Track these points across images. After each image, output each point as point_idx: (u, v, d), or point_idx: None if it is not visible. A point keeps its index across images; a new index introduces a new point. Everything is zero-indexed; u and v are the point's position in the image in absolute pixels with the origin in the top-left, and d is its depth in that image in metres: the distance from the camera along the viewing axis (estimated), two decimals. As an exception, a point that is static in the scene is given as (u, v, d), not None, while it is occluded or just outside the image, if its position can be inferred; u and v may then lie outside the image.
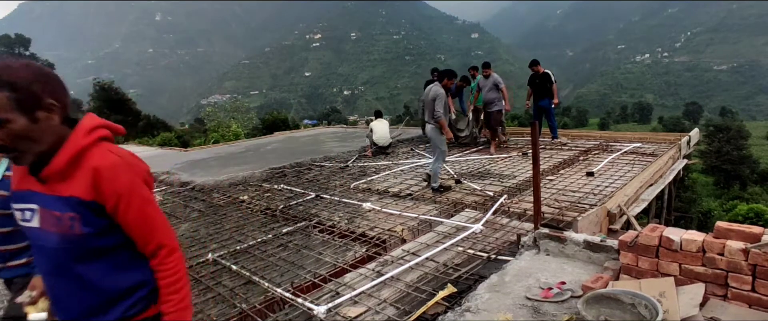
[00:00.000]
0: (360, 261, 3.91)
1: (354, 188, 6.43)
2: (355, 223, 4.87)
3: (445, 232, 4.37)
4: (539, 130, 8.60)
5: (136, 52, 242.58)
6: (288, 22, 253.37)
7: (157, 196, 7.12)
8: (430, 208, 5.23)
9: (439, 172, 5.93)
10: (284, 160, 8.72)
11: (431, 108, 5.72)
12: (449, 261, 3.70)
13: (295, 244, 4.44)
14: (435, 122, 5.72)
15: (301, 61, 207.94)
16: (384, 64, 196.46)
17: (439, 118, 5.66)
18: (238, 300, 3.38)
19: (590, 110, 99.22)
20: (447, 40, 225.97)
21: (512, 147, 8.79)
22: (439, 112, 5.63)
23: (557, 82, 8.75)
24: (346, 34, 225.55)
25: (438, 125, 5.72)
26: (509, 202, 5.14)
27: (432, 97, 5.72)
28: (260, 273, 3.82)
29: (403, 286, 3.31)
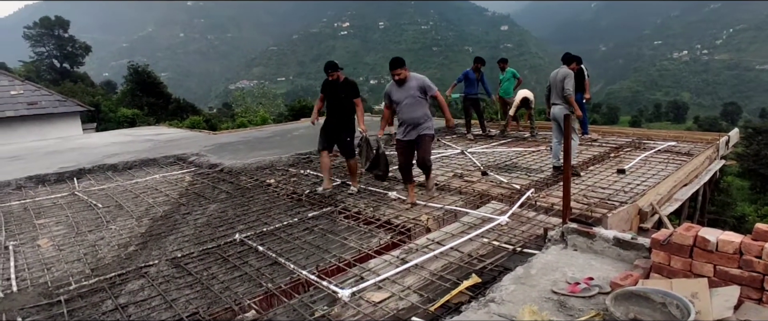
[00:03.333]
0: (384, 248, 3.94)
1: (374, 175, 6.44)
2: (380, 211, 4.90)
3: (471, 222, 4.36)
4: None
5: (167, 36, 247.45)
6: (316, 9, 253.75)
7: (186, 177, 7.32)
8: (456, 198, 5.21)
9: (576, 150, 6.50)
10: (311, 146, 8.79)
11: (560, 87, 5.94)
12: (474, 252, 3.69)
13: (321, 228, 4.50)
14: (564, 100, 5.95)
15: (328, 49, 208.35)
16: (411, 54, 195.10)
17: (569, 95, 5.89)
18: (264, 280, 3.46)
19: (622, 107, 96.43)
20: (475, 31, 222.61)
21: (541, 141, 8.66)
22: (569, 89, 5.88)
23: (590, 77, 8.55)
24: (374, 23, 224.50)
25: (567, 103, 5.94)
26: (536, 195, 5.08)
27: (561, 77, 5.96)
28: (286, 255, 3.89)
29: (427, 274, 3.33)
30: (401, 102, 4.91)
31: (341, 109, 5.56)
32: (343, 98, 5.54)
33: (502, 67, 9.85)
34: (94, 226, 5.12)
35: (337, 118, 5.58)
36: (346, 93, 5.53)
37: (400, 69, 4.85)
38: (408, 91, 4.87)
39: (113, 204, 5.98)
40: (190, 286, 3.48)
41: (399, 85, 4.93)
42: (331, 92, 5.59)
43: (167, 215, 5.34)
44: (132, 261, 4.04)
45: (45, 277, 3.79)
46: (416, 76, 4.98)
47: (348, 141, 5.59)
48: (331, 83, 5.52)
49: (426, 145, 4.99)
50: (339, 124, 5.58)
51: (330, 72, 5.44)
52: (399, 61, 4.85)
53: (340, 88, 5.51)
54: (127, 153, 9.55)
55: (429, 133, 5.00)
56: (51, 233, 4.95)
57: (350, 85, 5.57)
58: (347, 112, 5.58)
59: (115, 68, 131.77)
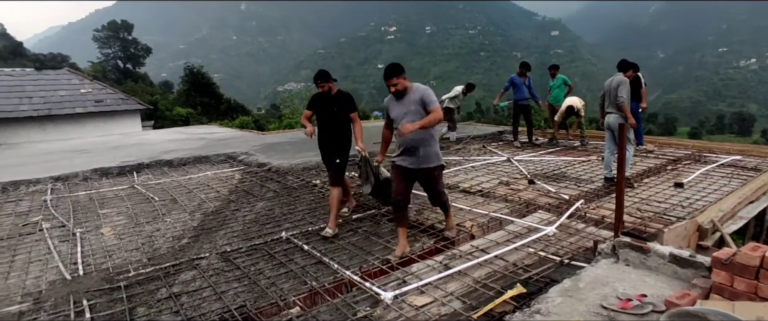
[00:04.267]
0: (428, 253, 3.93)
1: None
2: (424, 215, 4.90)
3: (516, 231, 4.27)
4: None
5: (221, 38, 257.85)
6: (364, 13, 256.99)
7: (236, 175, 7.59)
8: (501, 206, 5.12)
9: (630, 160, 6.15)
10: (355, 149, 8.91)
11: (614, 95, 5.70)
12: (519, 261, 3.62)
13: (364, 230, 4.55)
14: (618, 108, 5.69)
15: (374, 53, 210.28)
16: (457, 59, 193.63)
17: (622, 103, 5.62)
18: (308, 278, 3.54)
19: (680, 118, 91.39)
20: (524, 36, 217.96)
21: (591, 150, 8.36)
22: (623, 97, 5.61)
23: (647, 85, 8.19)
24: (421, 28, 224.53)
25: (621, 112, 5.67)
26: (586, 207, 4.92)
27: (616, 84, 5.73)
28: (330, 255, 3.96)
29: (470, 282, 3.29)
30: (399, 120, 3.88)
31: (334, 126, 4.71)
32: (336, 113, 4.68)
33: (553, 74, 9.61)
34: (151, 218, 5.41)
35: (329, 137, 4.76)
36: (340, 107, 4.68)
37: (396, 78, 3.81)
38: (407, 106, 3.85)
39: (168, 198, 6.29)
40: (238, 279, 3.61)
41: (397, 98, 3.92)
42: (322, 107, 4.76)
43: (218, 211, 5.56)
44: (185, 253, 4.23)
45: (107, 264, 4.04)
46: (419, 87, 3.93)
47: (338, 163, 4.69)
48: (322, 96, 4.70)
49: (435, 181, 4.03)
50: (332, 143, 4.74)
51: (319, 83, 4.56)
52: (395, 68, 3.87)
53: (333, 102, 4.70)
54: (181, 150, 10.02)
55: (435, 166, 3.97)
56: (113, 223, 5.27)
57: (345, 97, 4.72)
58: (341, 130, 4.70)
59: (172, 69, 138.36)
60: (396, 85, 3.83)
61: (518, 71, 9.17)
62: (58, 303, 3.32)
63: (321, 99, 4.74)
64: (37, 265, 4.06)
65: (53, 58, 37.34)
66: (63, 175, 7.71)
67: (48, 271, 3.91)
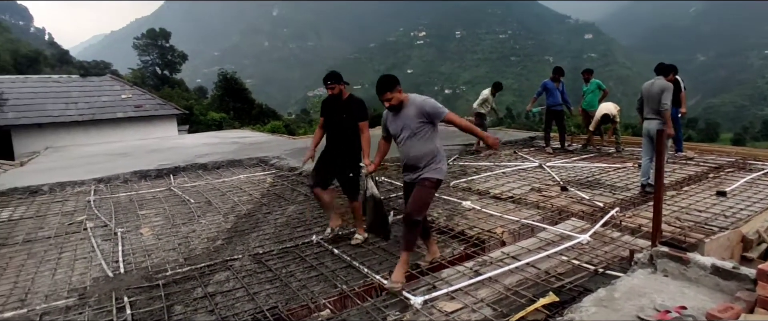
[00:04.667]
0: (458, 258, 3.91)
1: (454, 186, 6.42)
2: (454, 221, 4.87)
3: (548, 239, 4.20)
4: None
5: (253, 45, 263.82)
6: (393, 18, 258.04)
7: (268, 178, 7.74)
8: (533, 213, 5.05)
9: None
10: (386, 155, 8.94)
11: (657, 101, 5.50)
12: (552, 269, 3.56)
13: (394, 235, 4.56)
14: (659, 114, 5.50)
15: (404, 58, 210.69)
16: (488, 64, 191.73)
17: (665, 110, 5.44)
18: (338, 281, 3.58)
19: (722, 123, 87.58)
20: (557, 40, 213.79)
21: (627, 157, 8.13)
22: (667, 104, 5.42)
23: (686, 89, 7.92)
24: (451, 32, 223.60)
25: (663, 119, 5.47)
26: (621, 215, 4.79)
27: (658, 89, 5.50)
28: (359, 259, 3.99)
29: (501, 288, 3.26)
30: (397, 135, 3.55)
31: (342, 134, 4.29)
32: (345, 120, 4.25)
33: (587, 79, 9.41)
34: (187, 219, 5.58)
35: (337, 147, 4.35)
36: (348, 113, 4.24)
37: (389, 92, 3.40)
38: (404, 121, 3.47)
39: (203, 200, 6.48)
40: (270, 281, 3.68)
41: (394, 112, 3.54)
42: (330, 112, 4.38)
43: (250, 213, 5.69)
44: (219, 254, 4.35)
45: (146, 263, 4.19)
46: (415, 99, 3.50)
47: (351, 176, 4.33)
48: (331, 100, 4.37)
49: (422, 193, 3.46)
50: (340, 155, 4.32)
51: (329, 84, 4.23)
52: (386, 81, 3.42)
53: (342, 107, 4.28)
54: (215, 154, 10.30)
55: (430, 178, 3.46)
56: (151, 223, 5.47)
57: (355, 103, 4.28)
58: (350, 139, 4.27)
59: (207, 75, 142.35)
60: (390, 99, 3.43)
61: (551, 76, 9.04)
62: (102, 299, 3.46)
63: (330, 103, 4.39)
64: (82, 263, 4.26)
65: (97, 66, 39.09)
66: (105, 177, 8.05)
67: (92, 269, 4.09)
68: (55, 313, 3.29)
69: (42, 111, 16.07)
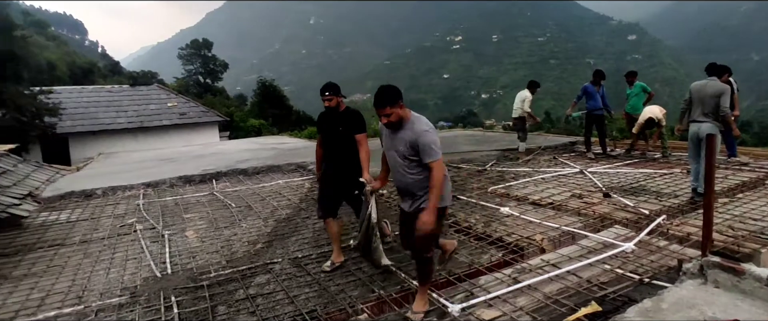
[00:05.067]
0: (496, 265, 3.86)
1: (491, 192, 6.35)
2: (492, 227, 4.82)
3: (590, 247, 4.09)
4: None
5: (291, 52, 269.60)
6: (429, 23, 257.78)
7: (306, 184, 7.88)
8: (574, 219, 4.92)
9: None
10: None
11: (713, 104, 5.32)
12: (594, 278, 3.46)
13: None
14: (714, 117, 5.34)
15: (440, 63, 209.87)
16: (526, 67, 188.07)
17: (726, 114, 5.31)
18: (376, 286, 3.61)
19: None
20: (598, 42, 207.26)
21: (674, 162, 7.80)
22: (727, 107, 5.30)
23: (739, 91, 7.53)
24: (488, 36, 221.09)
25: (719, 121, 5.33)
26: (668, 223, 4.60)
27: (714, 92, 5.31)
28: (397, 264, 4.00)
29: (541, 297, 3.20)
30: (390, 156, 3.15)
31: (340, 149, 4.01)
32: (342, 133, 3.96)
33: (630, 81, 9.10)
34: (229, 223, 5.76)
35: (336, 164, 4.07)
36: (345, 126, 3.95)
37: (389, 107, 2.91)
38: (397, 143, 3.02)
39: (244, 204, 6.67)
40: (309, 284, 3.75)
41: (391, 129, 3.05)
42: (326, 126, 4.11)
43: (289, 218, 5.81)
44: (259, 257, 4.47)
45: (191, 264, 4.36)
46: (417, 123, 2.97)
47: (357, 194, 3.95)
48: (328, 113, 4.06)
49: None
50: (340, 173, 4.03)
51: (326, 95, 3.92)
52: (388, 93, 2.93)
53: (338, 120, 3.99)
54: (255, 159, 10.58)
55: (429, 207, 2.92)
56: (195, 226, 5.68)
57: (352, 115, 3.98)
58: (349, 154, 3.96)
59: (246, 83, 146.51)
60: (389, 115, 2.93)
61: (592, 80, 8.81)
62: (151, 298, 3.63)
63: (326, 117, 4.09)
64: (132, 263, 4.48)
65: (145, 75, 40.90)
66: (153, 182, 8.42)
67: (142, 269, 4.29)
68: (109, 310, 3.48)
69: (95, 119, 17.00)
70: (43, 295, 3.82)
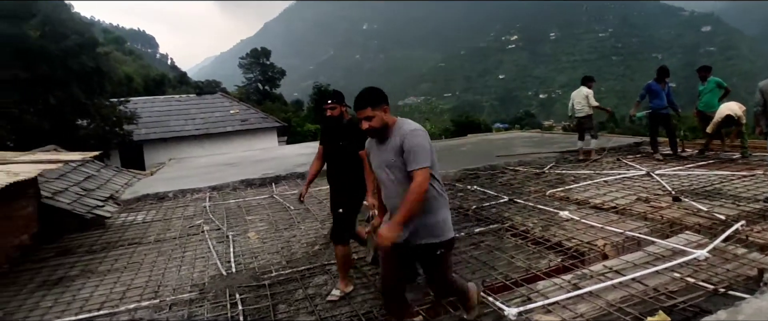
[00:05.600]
0: (554, 270, 3.76)
1: (550, 195, 6.17)
2: (551, 231, 4.68)
3: (658, 253, 3.87)
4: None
5: (346, 58, 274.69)
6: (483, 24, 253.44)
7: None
8: (640, 225, 4.68)
9: None
10: (477, 162, 8.84)
11: None
12: (661, 286, 3.28)
13: (487, 244, 4.50)
14: None
15: (495, 64, 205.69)
16: (586, 65, 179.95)
17: None
18: (430, 289, 3.61)
19: None
20: (665, 35, 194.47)
21: (755, 164, 7.21)
22: None
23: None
24: (544, 34, 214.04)
25: None
26: (748, 229, 4.26)
27: None
28: (452, 267, 3.99)
29: (603, 304, 3.08)
30: (379, 172, 2.69)
31: (341, 165, 3.69)
32: (342, 148, 3.64)
33: (703, 77, 8.50)
34: (288, 225, 5.98)
35: (337, 181, 3.77)
36: (347, 140, 3.59)
37: (371, 109, 2.54)
38: (386, 156, 2.60)
39: (302, 207, 6.89)
40: (365, 286, 3.82)
41: (378, 139, 2.66)
42: (328, 138, 3.81)
43: (346, 220, 5.93)
44: (317, 258, 4.61)
45: (253, 264, 4.58)
46: (402, 126, 2.59)
47: (340, 213, 3.62)
48: (331, 124, 3.74)
49: (437, 264, 2.69)
50: (339, 189, 3.73)
51: (329, 104, 3.64)
52: (369, 93, 2.59)
53: (340, 133, 3.67)
54: (313, 163, 10.89)
55: (438, 242, 2.58)
56: (257, 228, 5.95)
57: (356, 127, 3.26)
58: (349, 171, 3.59)
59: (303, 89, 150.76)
60: (370, 119, 2.53)
61: (656, 77, 8.33)
62: (218, 294, 3.86)
63: (329, 128, 3.77)
64: (201, 261, 4.77)
65: (209, 84, 43.24)
66: (218, 185, 8.90)
67: (209, 267, 4.56)
68: (180, 305, 3.73)
69: (166, 127, 18.20)
70: (124, 289, 4.16)
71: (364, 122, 2.57)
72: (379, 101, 2.56)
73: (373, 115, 2.54)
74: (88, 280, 4.50)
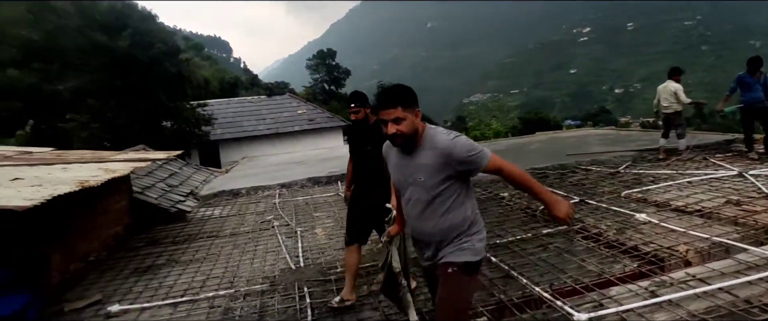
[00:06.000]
0: (629, 276, 3.54)
1: (625, 197, 5.81)
2: (626, 235, 4.42)
3: (751, 262, 3.53)
4: None
5: (410, 56, 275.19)
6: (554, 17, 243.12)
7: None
8: (729, 230, 4.29)
9: None
10: (546, 161, 8.53)
11: None
12: (754, 297, 2.99)
13: (556, 246, 4.34)
14: None
15: (567, 58, 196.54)
16: (671, 56, 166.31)
17: None
18: (496, 290, 3.55)
19: None
20: (765, 21, 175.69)
21: None
22: None
23: None
24: (622, 25, 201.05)
25: None
26: None
27: None
28: (519, 269, 3.89)
29: (684, 314, 2.87)
30: (403, 192, 2.32)
31: (369, 169, 3.54)
32: (369, 153, 3.47)
33: None
34: (354, 222, 6.11)
35: (364, 187, 3.64)
36: (374, 144, 3.35)
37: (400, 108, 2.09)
38: (415, 170, 2.18)
39: (367, 205, 7.02)
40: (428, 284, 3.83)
41: (403, 150, 2.24)
42: (355, 142, 3.70)
43: (409, 218, 5.97)
44: (380, 256, 4.66)
45: (320, 259, 4.74)
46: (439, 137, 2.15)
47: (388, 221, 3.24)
48: (356, 127, 3.64)
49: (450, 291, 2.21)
50: (369, 197, 3.53)
51: (353, 107, 3.52)
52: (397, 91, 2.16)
53: (367, 136, 3.52)
54: (377, 161, 11.05)
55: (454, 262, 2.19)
56: (323, 224, 6.14)
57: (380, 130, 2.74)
58: (379, 176, 3.33)
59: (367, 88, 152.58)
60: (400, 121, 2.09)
61: (748, 68, 7.53)
62: (287, 287, 4.04)
63: (355, 131, 3.67)
64: (271, 255, 5.02)
65: (278, 86, 45.21)
66: (287, 183, 9.28)
67: (279, 261, 4.79)
68: (253, 295, 3.95)
69: (240, 127, 19.25)
70: (204, 278, 4.48)
71: (391, 125, 2.08)
72: (412, 101, 2.12)
73: (404, 117, 2.08)
74: (172, 268, 4.89)
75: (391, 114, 2.08)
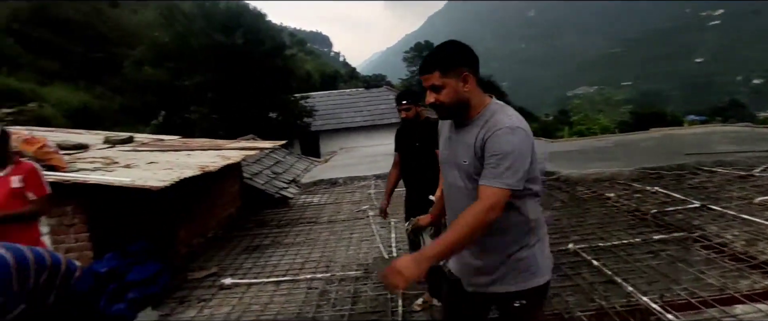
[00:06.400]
0: (760, 294, 3.13)
1: (759, 204, 5.10)
2: (757, 247, 3.89)
3: None
4: None
5: (505, 47, 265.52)
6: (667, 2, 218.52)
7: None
8: None
9: None
10: (660, 161, 7.76)
11: None
12: None
13: (669, 254, 3.96)
14: None
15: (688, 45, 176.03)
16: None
17: None
18: (596, 295, 3.35)
19: None
20: None
21: None
22: None
23: None
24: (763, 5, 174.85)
25: None
26: None
27: None
28: (623, 275, 3.62)
29: (832, 344, 2.47)
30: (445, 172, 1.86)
31: (419, 169, 3.31)
32: (419, 150, 3.30)
33: None
34: (446, 215, 6.11)
35: (416, 187, 3.38)
36: (422, 141, 3.25)
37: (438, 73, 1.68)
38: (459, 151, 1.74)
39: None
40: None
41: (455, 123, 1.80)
42: (403, 141, 3.48)
43: (504, 215, 5.82)
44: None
45: (408, 249, 4.81)
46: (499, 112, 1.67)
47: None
48: (406, 127, 3.44)
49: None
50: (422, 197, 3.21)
51: (404, 104, 3.31)
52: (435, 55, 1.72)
53: (415, 134, 3.33)
54: (472, 155, 10.89)
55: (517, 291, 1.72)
56: (417, 217, 6.20)
57: (432, 127, 2.87)
58: (431, 176, 2.99)
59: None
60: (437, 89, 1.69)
61: None
62: (380, 276, 4.17)
63: (403, 131, 3.48)
64: (366, 243, 5.20)
65: (375, 79, 46.29)
66: (381, 174, 9.51)
67: (372, 250, 4.95)
68: (348, 281, 4.14)
69: (338, 118, 20.04)
70: (303, 261, 4.79)
71: (430, 93, 1.70)
72: (454, 63, 1.67)
73: (442, 84, 1.66)
74: (276, 249, 5.29)
75: (428, 80, 1.70)
